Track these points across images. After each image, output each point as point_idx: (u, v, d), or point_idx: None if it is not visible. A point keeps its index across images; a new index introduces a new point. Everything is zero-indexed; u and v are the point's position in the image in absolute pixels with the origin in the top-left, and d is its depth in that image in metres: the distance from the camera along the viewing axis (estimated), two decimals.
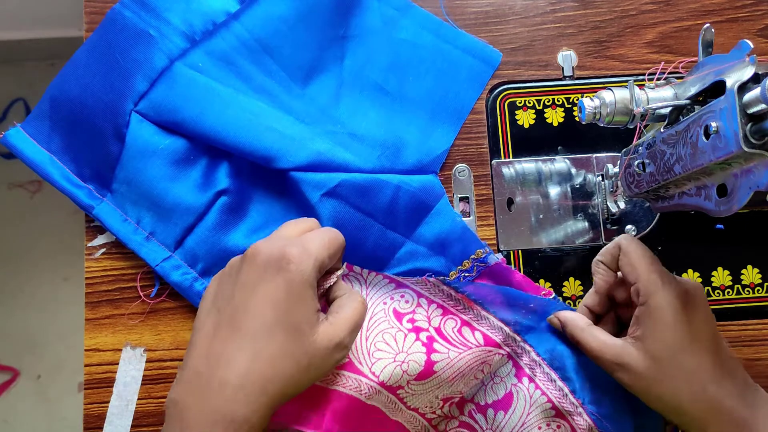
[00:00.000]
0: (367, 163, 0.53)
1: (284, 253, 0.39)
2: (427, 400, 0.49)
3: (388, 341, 0.49)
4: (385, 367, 0.48)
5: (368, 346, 0.49)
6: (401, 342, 0.49)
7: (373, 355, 0.48)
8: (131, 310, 0.53)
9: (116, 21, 0.53)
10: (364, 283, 0.51)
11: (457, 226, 0.53)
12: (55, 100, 0.53)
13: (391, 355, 0.48)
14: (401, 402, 0.49)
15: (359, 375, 0.48)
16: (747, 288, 0.54)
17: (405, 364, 0.48)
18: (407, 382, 0.48)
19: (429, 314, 0.50)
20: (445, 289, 0.51)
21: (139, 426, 0.52)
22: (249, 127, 0.51)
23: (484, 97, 0.57)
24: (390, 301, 0.50)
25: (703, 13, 0.58)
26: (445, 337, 0.50)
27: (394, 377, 0.48)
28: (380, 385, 0.47)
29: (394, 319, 0.50)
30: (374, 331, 0.49)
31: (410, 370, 0.48)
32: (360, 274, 0.51)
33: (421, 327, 0.50)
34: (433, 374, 0.48)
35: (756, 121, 0.33)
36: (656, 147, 0.43)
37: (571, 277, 0.54)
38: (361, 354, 0.48)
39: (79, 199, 0.53)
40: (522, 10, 0.59)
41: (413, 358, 0.48)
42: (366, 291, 0.51)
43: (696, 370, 0.42)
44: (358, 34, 0.57)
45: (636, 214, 0.54)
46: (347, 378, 0.47)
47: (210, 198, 0.52)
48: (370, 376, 0.47)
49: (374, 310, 0.50)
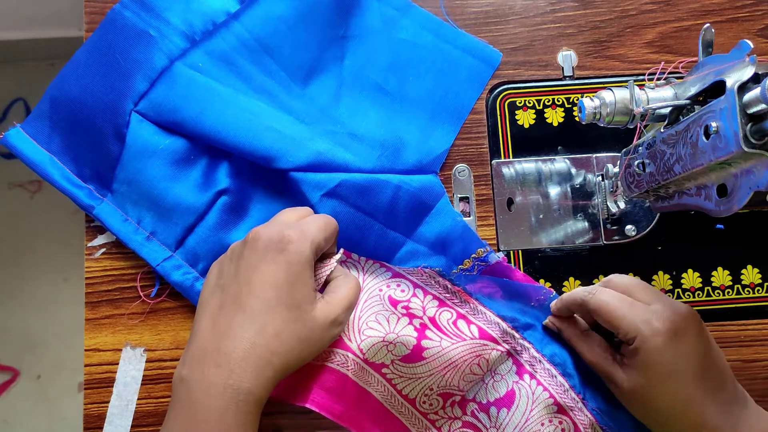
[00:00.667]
0: (367, 163, 0.53)
1: (283, 236, 0.42)
2: (419, 388, 0.49)
3: (380, 321, 0.50)
4: (373, 345, 0.49)
5: (359, 325, 0.50)
6: (393, 324, 0.50)
7: (363, 333, 0.49)
8: (131, 310, 0.53)
9: (116, 21, 0.53)
10: (362, 270, 0.51)
11: (458, 225, 0.53)
12: (55, 101, 0.53)
13: (381, 334, 0.49)
14: (390, 384, 0.50)
15: (347, 351, 0.49)
16: (747, 288, 0.54)
17: (392, 345, 0.49)
18: (392, 361, 0.49)
19: (424, 304, 0.51)
20: (441, 281, 0.51)
21: (139, 426, 0.52)
22: (249, 127, 0.51)
23: (484, 97, 0.57)
24: (386, 288, 0.51)
25: (703, 13, 0.58)
26: (439, 327, 0.50)
27: (378, 354, 0.49)
28: (364, 362, 0.49)
29: (388, 304, 0.50)
30: (368, 312, 0.50)
31: (396, 351, 0.49)
32: (358, 261, 0.51)
33: (415, 314, 0.50)
34: (422, 359, 0.49)
35: (756, 121, 0.33)
36: (656, 147, 0.43)
37: (571, 277, 0.54)
38: (352, 332, 0.49)
39: (79, 200, 0.53)
40: (522, 10, 0.59)
41: (402, 341, 0.49)
42: (363, 277, 0.51)
43: (679, 393, 0.43)
44: (358, 34, 0.57)
45: (636, 214, 0.54)
46: (336, 354, 0.49)
47: (210, 198, 0.52)
48: (357, 353, 0.49)
49: (370, 294, 0.51)
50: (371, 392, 0.49)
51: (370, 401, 0.49)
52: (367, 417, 0.49)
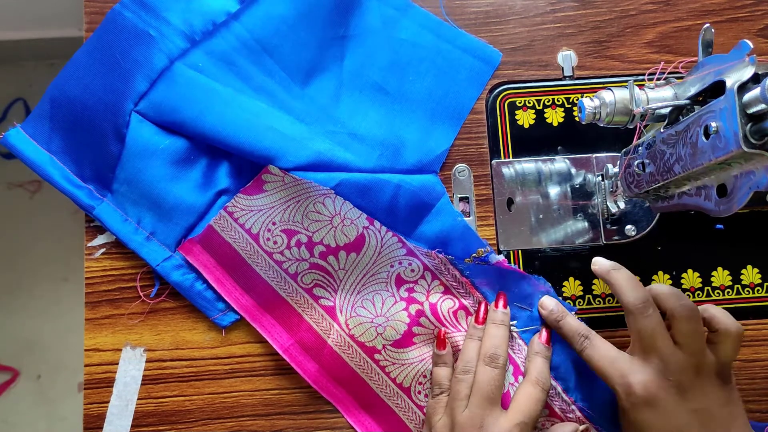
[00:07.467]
0: (367, 162, 0.53)
1: None
2: (411, 375, 0.51)
3: (375, 302, 0.51)
4: (360, 324, 0.51)
5: (355, 300, 0.51)
6: (388, 306, 0.51)
7: (355, 311, 0.51)
8: (131, 310, 0.53)
9: (116, 21, 0.53)
10: (380, 240, 0.52)
11: (458, 224, 0.53)
12: (55, 101, 0.53)
13: (370, 317, 0.51)
14: (383, 371, 0.51)
15: (334, 320, 0.51)
16: (747, 288, 0.54)
17: (381, 328, 0.50)
18: (383, 346, 0.50)
19: (429, 288, 0.52)
20: (451, 269, 0.52)
21: (139, 426, 0.52)
22: (249, 127, 0.51)
23: (484, 97, 0.57)
24: (398, 265, 0.52)
25: (703, 13, 0.58)
26: (438, 315, 0.51)
27: (367, 334, 0.50)
28: (351, 338, 0.50)
29: (393, 284, 0.51)
30: (369, 286, 0.51)
31: (386, 335, 0.50)
32: (378, 230, 0.52)
33: (415, 299, 0.51)
34: (412, 345, 0.50)
35: (756, 121, 0.33)
36: (656, 147, 0.43)
37: (571, 277, 0.54)
38: (346, 302, 0.51)
39: (79, 200, 0.53)
40: (522, 10, 0.59)
41: (392, 325, 0.50)
42: (380, 248, 0.52)
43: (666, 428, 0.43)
44: (358, 33, 0.57)
45: (636, 214, 0.54)
46: (323, 317, 0.51)
47: (210, 198, 0.52)
48: (342, 327, 0.51)
49: (379, 268, 0.52)
50: (363, 377, 0.51)
51: (357, 383, 0.51)
52: (351, 397, 0.51)
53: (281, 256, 0.51)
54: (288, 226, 0.51)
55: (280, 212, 0.51)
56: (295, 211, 0.51)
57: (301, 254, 0.51)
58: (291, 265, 0.51)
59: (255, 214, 0.51)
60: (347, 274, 0.51)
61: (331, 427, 0.52)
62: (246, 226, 0.51)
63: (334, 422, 0.52)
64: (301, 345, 0.51)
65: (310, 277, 0.52)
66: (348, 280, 0.51)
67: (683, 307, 0.44)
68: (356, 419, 0.51)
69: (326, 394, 0.51)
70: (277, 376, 0.53)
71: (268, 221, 0.51)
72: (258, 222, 0.51)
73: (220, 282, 0.51)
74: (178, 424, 0.52)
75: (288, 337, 0.51)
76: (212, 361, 0.53)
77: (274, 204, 0.51)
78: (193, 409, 0.52)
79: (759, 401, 0.53)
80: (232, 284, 0.51)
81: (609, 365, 0.45)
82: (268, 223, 0.51)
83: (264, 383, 0.53)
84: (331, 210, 0.51)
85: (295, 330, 0.51)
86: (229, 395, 0.53)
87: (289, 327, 0.51)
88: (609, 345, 0.46)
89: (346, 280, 0.51)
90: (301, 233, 0.51)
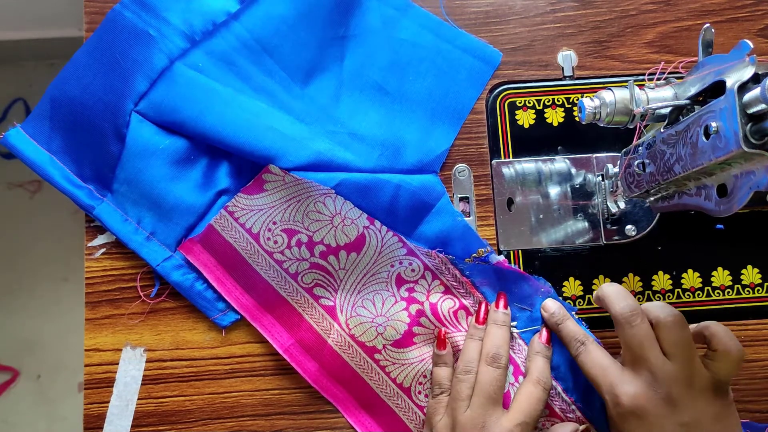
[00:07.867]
0: (367, 162, 0.53)
1: None
2: (411, 375, 0.51)
3: (375, 302, 0.51)
4: (361, 323, 0.51)
5: (355, 300, 0.51)
6: (388, 306, 0.51)
7: (356, 310, 0.51)
8: (131, 310, 0.53)
9: (116, 21, 0.53)
10: (381, 240, 0.52)
11: (459, 224, 0.53)
12: (56, 101, 0.53)
13: (371, 317, 0.51)
14: (383, 371, 0.51)
15: (334, 320, 0.51)
16: (747, 288, 0.54)
17: (381, 327, 0.50)
18: (383, 345, 0.50)
19: (430, 288, 0.52)
20: (451, 269, 0.52)
21: (139, 426, 0.52)
22: (249, 127, 0.51)
23: (484, 97, 0.57)
24: (398, 265, 0.52)
25: (703, 13, 0.58)
26: (438, 315, 0.51)
27: (367, 334, 0.51)
28: (351, 337, 0.50)
29: (393, 283, 0.51)
30: (370, 286, 0.51)
31: (386, 334, 0.50)
32: (378, 230, 0.52)
33: (415, 299, 0.51)
34: (412, 345, 0.50)
35: (756, 121, 0.33)
36: (656, 147, 0.43)
37: (571, 277, 0.54)
38: (346, 301, 0.51)
39: (79, 200, 0.53)
40: (522, 10, 0.59)
41: (392, 324, 0.50)
42: (381, 248, 0.52)
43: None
44: (358, 33, 0.57)
45: (636, 214, 0.54)
46: (323, 317, 0.51)
47: (211, 198, 0.52)
48: (343, 326, 0.51)
49: (379, 268, 0.52)
50: (363, 377, 0.51)
51: (358, 383, 0.51)
52: (351, 397, 0.51)
53: (282, 256, 0.51)
54: (288, 226, 0.51)
55: (280, 212, 0.51)
56: (295, 210, 0.51)
57: (301, 254, 0.51)
58: (291, 264, 0.51)
59: (255, 214, 0.51)
60: (348, 274, 0.51)
61: (331, 427, 0.52)
62: (246, 226, 0.51)
63: (334, 422, 0.52)
64: (301, 345, 0.51)
65: (311, 276, 0.52)
66: (348, 279, 0.51)
67: (668, 315, 0.43)
68: (356, 419, 0.51)
69: (326, 393, 0.51)
70: (277, 376, 0.53)
71: (269, 221, 0.51)
72: (258, 221, 0.51)
73: (221, 281, 0.51)
74: (178, 424, 0.52)
75: (288, 337, 0.51)
76: (212, 361, 0.53)
77: (275, 203, 0.51)
78: (193, 409, 0.52)
79: (759, 401, 0.53)
80: (232, 284, 0.51)
81: (600, 373, 0.45)
82: (268, 223, 0.51)
83: (264, 383, 0.53)
84: (332, 210, 0.51)
85: (295, 330, 0.51)
86: (229, 395, 0.53)
87: (290, 327, 0.51)
88: (604, 353, 0.46)
89: (347, 280, 0.51)
90: (302, 233, 0.51)
